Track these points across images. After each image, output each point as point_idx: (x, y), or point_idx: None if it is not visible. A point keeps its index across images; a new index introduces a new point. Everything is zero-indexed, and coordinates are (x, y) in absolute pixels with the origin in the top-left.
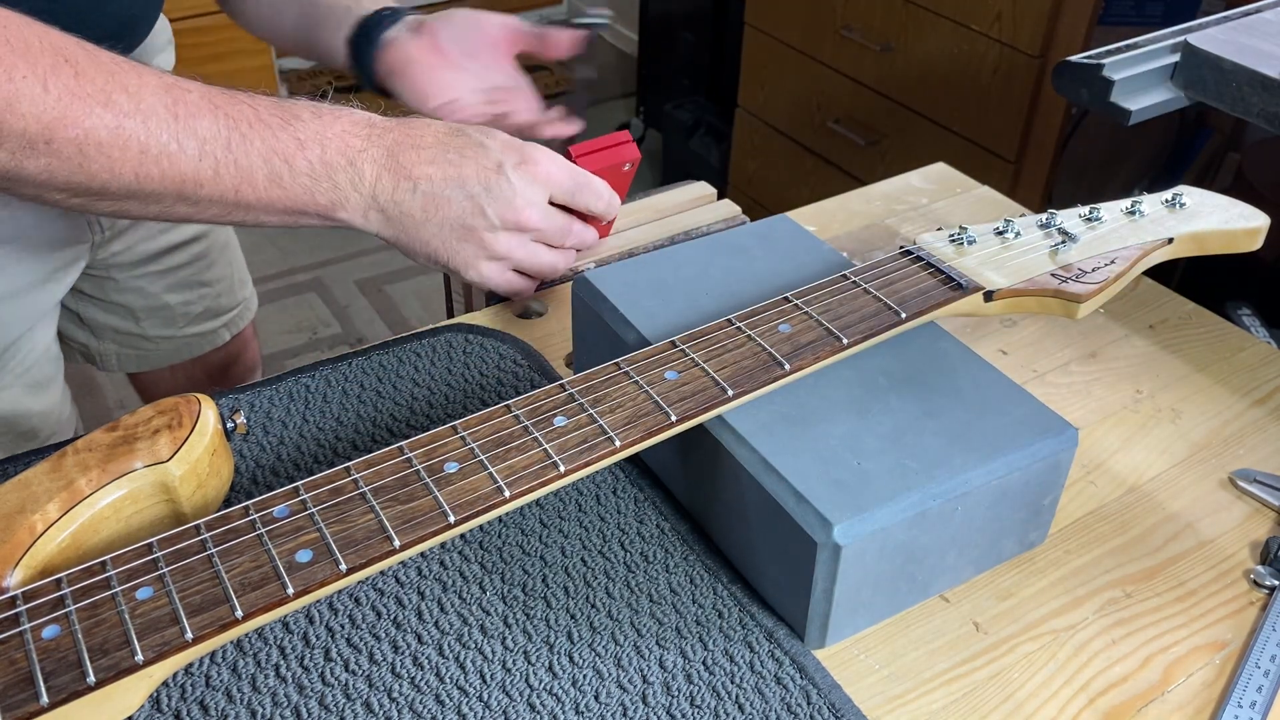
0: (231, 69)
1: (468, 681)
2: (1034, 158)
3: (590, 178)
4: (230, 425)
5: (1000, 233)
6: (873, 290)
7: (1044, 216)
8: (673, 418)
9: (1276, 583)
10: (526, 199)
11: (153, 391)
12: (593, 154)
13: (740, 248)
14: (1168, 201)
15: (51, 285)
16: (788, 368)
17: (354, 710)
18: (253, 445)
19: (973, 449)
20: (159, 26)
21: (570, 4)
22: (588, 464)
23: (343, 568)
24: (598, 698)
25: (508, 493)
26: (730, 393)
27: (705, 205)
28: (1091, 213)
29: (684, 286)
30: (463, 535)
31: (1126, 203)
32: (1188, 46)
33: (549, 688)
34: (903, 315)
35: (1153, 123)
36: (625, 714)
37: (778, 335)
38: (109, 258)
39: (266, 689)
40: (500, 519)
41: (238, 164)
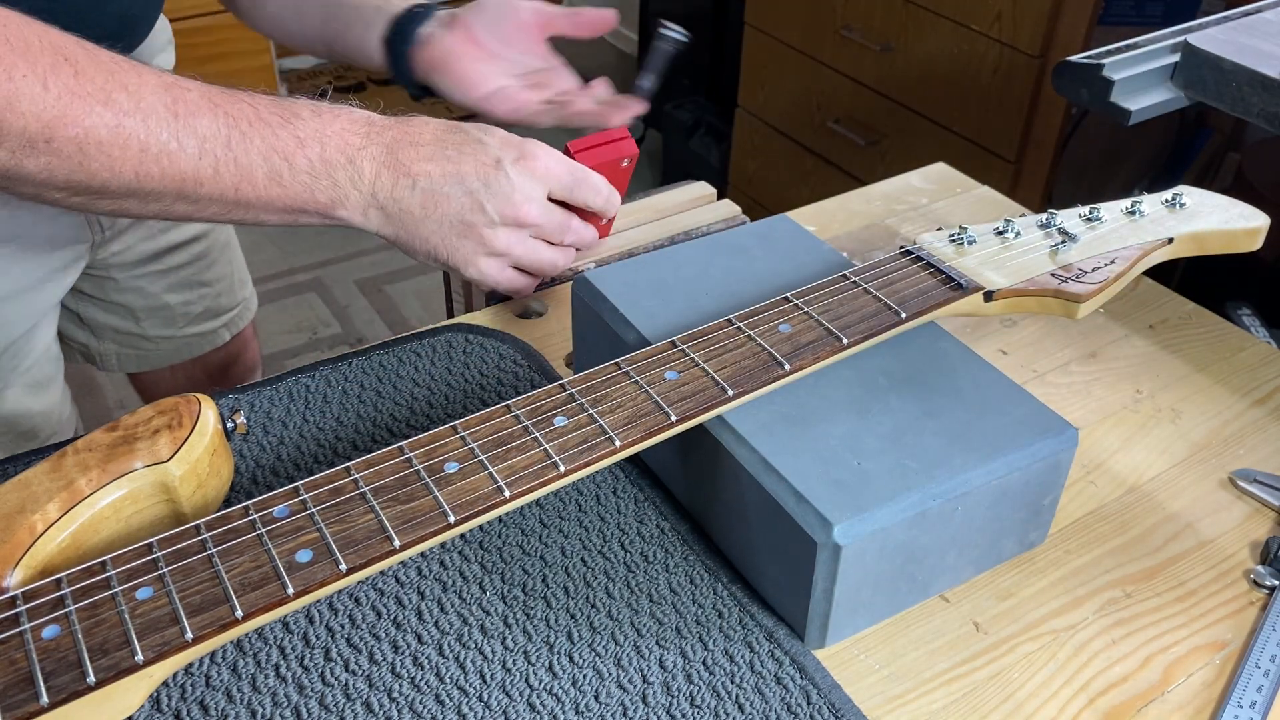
0: (231, 69)
1: (468, 681)
2: (1034, 158)
3: (589, 173)
4: (230, 425)
5: (1000, 233)
6: (873, 290)
7: (1044, 216)
8: (673, 418)
9: (1276, 583)
10: (525, 194)
11: (153, 391)
12: (591, 149)
13: (740, 248)
14: (1168, 201)
15: (51, 285)
16: (788, 368)
17: (354, 710)
18: (253, 445)
19: (973, 449)
20: (159, 26)
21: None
22: (588, 464)
23: (343, 568)
24: (598, 698)
25: (508, 493)
26: (730, 393)
27: (705, 205)
28: (1091, 213)
29: (684, 286)
30: (463, 535)
31: (1126, 203)
32: (1188, 46)
33: (549, 688)
34: (903, 315)
35: (1153, 123)
36: (625, 714)
37: (778, 335)
38: (109, 257)
39: (266, 689)
40: (500, 519)
41: (237, 162)
